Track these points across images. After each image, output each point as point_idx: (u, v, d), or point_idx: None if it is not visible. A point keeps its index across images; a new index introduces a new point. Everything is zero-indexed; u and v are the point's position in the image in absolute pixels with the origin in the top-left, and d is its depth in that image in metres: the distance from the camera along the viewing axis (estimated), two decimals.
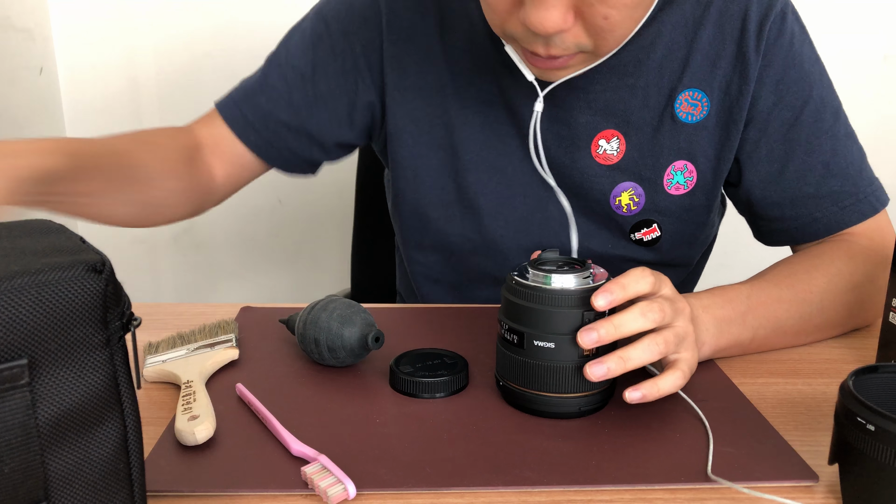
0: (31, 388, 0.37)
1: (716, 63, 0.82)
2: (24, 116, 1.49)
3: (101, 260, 0.40)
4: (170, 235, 1.73)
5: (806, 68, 0.82)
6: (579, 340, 0.58)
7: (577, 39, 0.68)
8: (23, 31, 1.48)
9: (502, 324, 0.62)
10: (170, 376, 0.68)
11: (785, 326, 0.74)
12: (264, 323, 0.81)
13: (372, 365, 0.71)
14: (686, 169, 0.84)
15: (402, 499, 0.52)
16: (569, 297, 0.58)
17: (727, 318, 0.70)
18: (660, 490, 0.53)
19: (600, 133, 0.83)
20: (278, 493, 0.52)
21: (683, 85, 0.82)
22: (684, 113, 0.82)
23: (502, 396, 0.64)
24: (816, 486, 0.53)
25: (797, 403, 0.65)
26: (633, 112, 0.83)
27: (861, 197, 0.82)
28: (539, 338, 0.59)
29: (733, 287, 0.73)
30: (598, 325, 0.58)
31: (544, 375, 0.59)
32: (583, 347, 0.58)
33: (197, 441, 0.56)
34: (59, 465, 0.39)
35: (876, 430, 0.46)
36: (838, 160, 0.82)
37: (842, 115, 0.84)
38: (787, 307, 0.74)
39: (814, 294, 0.75)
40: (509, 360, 0.61)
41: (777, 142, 0.82)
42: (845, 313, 0.78)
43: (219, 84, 1.61)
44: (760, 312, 0.72)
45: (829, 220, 0.82)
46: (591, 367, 0.58)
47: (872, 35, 1.59)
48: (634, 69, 0.82)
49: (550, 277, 0.59)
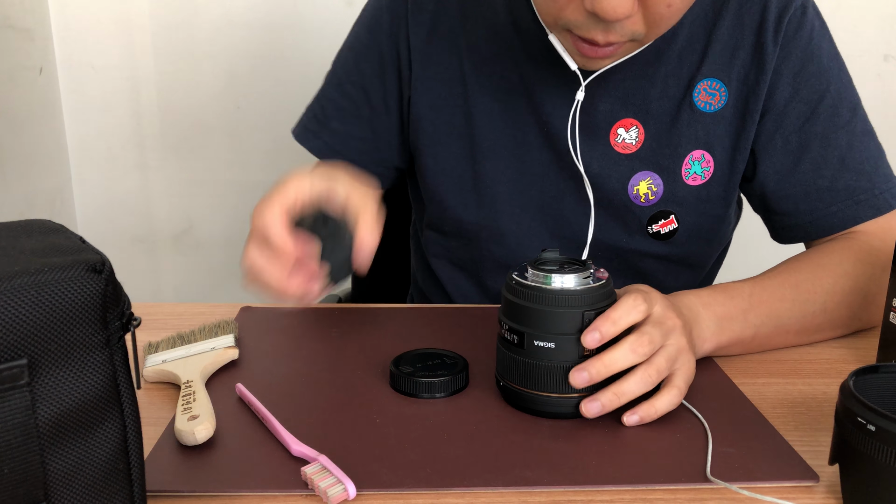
0: (30, 389, 0.37)
1: (734, 53, 0.82)
2: (23, 116, 1.49)
3: (101, 260, 0.40)
4: (170, 235, 1.73)
5: (824, 63, 0.82)
6: (571, 379, 0.58)
7: (634, 27, 0.68)
8: (23, 31, 1.48)
9: (502, 324, 0.62)
10: (169, 376, 0.68)
11: (787, 325, 0.74)
12: (264, 323, 0.80)
13: (372, 365, 0.71)
14: (703, 159, 0.84)
15: (402, 499, 0.52)
16: (569, 297, 0.58)
17: (728, 315, 0.70)
18: (660, 490, 0.53)
19: (619, 122, 0.84)
20: (278, 494, 0.52)
21: (702, 74, 0.83)
22: (703, 102, 0.83)
23: (502, 396, 0.64)
24: (816, 486, 0.53)
25: (797, 403, 0.65)
26: (653, 101, 0.83)
27: (877, 193, 0.82)
28: (539, 338, 0.59)
29: (735, 284, 0.73)
30: (589, 365, 0.58)
31: (544, 375, 0.59)
32: (574, 386, 0.59)
33: (197, 441, 0.56)
34: (59, 466, 0.39)
35: (876, 430, 0.46)
36: (854, 155, 0.82)
37: (860, 112, 0.84)
38: (790, 306, 0.74)
39: (818, 294, 0.75)
40: (509, 360, 0.61)
41: (793, 134, 0.82)
42: (849, 315, 0.77)
43: (219, 84, 1.62)
44: (762, 310, 0.72)
45: (843, 214, 0.82)
46: (587, 404, 0.59)
47: (872, 35, 1.59)
48: (654, 59, 0.83)
49: (551, 277, 0.59)
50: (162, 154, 1.66)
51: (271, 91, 1.62)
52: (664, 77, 0.83)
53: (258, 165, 1.67)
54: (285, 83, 1.61)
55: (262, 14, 1.57)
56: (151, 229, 1.72)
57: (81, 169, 1.67)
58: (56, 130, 1.61)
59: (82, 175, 1.67)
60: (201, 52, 1.60)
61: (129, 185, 1.69)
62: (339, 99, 0.92)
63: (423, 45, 0.88)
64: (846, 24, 1.57)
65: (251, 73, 1.61)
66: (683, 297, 0.69)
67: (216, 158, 1.67)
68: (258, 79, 1.61)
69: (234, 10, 1.57)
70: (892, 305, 0.67)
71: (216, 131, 1.65)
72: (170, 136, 1.65)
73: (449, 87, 0.88)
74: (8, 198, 1.45)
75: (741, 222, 0.98)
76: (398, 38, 0.88)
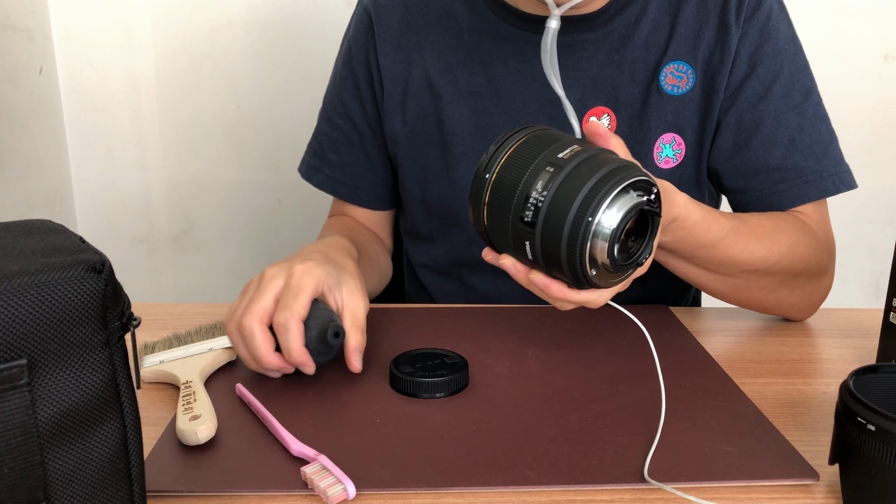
0: (30, 388, 0.37)
1: (699, 35, 0.84)
2: (23, 116, 1.49)
3: (101, 260, 0.40)
4: (170, 235, 1.73)
5: (780, 45, 0.84)
6: (488, 254, 0.58)
7: None
8: (23, 31, 1.48)
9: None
10: (168, 377, 0.68)
11: (722, 272, 0.76)
12: None
13: (372, 365, 0.71)
14: (674, 142, 0.86)
15: (401, 499, 0.52)
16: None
17: (683, 242, 0.70)
18: (660, 490, 0.53)
19: (591, 110, 0.85)
20: (278, 493, 0.52)
21: (668, 58, 0.84)
22: (669, 85, 0.84)
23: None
24: (816, 486, 0.53)
25: (797, 403, 0.65)
26: (622, 87, 0.85)
27: (825, 175, 0.83)
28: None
29: (718, 221, 0.71)
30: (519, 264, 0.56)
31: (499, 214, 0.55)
32: (484, 255, 0.58)
33: (199, 441, 0.56)
34: (59, 465, 0.39)
35: (876, 430, 0.46)
36: (804, 137, 0.83)
37: (813, 97, 0.85)
38: (744, 263, 0.75)
39: (772, 253, 0.76)
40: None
41: (746, 112, 0.84)
42: (792, 276, 0.79)
43: (219, 84, 1.62)
44: (719, 253, 0.73)
45: (791, 192, 0.83)
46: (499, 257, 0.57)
47: (872, 35, 1.59)
48: (621, 46, 0.84)
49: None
50: (162, 154, 1.66)
51: (271, 91, 1.62)
52: (631, 63, 0.84)
53: (258, 165, 1.67)
54: (285, 83, 1.61)
55: (262, 14, 1.57)
56: (151, 229, 1.72)
57: (81, 169, 1.67)
58: (56, 130, 1.61)
59: (82, 175, 1.67)
60: (201, 52, 1.60)
61: (129, 185, 1.69)
62: (330, 132, 0.97)
63: (391, 63, 0.91)
64: (846, 24, 1.57)
65: (251, 73, 1.61)
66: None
67: (216, 158, 1.67)
68: (258, 79, 1.61)
69: (234, 10, 1.57)
70: (892, 305, 0.67)
71: (216, 131, 1.65)
72: (170, 136, 1.65)
73: (419, 99, 0.90)
74: (8, 198, 1.45)
75: None
76: (369, 62, 0.92)
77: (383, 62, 0.91)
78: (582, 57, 0.84)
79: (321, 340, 0.66)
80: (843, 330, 0.83)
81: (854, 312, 0.88)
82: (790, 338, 0.80)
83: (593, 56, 0.84)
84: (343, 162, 0.97)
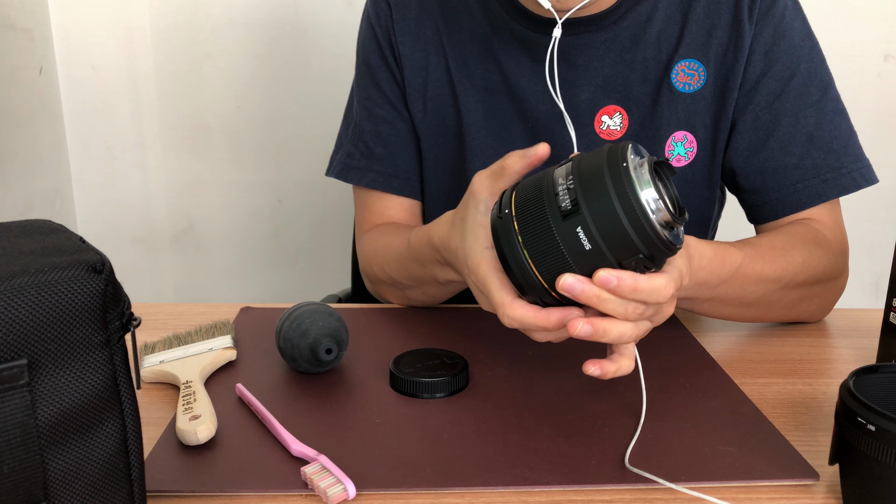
0: (30, 388, 0.37)
1: (711, 33, 0.83)
2: (23, 116, 1.49)
3: (101, 260, 0.40)
4: (170, 235, 1.73)
5: (796, 42, 0.83)
6: (560, 280, 0.51)
7: None
8: (23, 31, 1.48)
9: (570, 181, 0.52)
10: (167, 377, 0.68)
11: (745, 302, 0.74)
12: (264, 323, 0.80)
13: (372, 365, 0.71)
14: (686, 140, 0.85)
15: (401, 499, 0.52)
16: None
17: (705, 283, 0.67)
18: (660, 490, 0.53)
19: (602, 109, 0.85)
20: (278, 494, 0.52)
21: (679, 56, 0.84)
22: (681, 83, 0.84)
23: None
24: (816, 486, 0.53)
25: (797, 403, 0.65)
26: (633, 86, 0.85)
27: (844, 172, 0.82)
28: (585, 223, 0.50)
29: (731, 253, 0.70)
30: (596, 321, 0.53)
31: (548, 245, 0.51)
32: (558, 287, 0.51)
33: (199, 441, 0.56)
34: (59, 466, 0.39)
35: (876, 430, 0.46)
36: (823, 133, 0.83)
37: (831, 92, 0.84)
38: (762, 287, 0.73)
39: (787, 273, 0.75)
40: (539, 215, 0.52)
41: (763, 111, 0.83)
42: (799, 297, 0.78)
43: (219, 84, 1.62)
44: (739, 283, 0.71)
45: (809, 191, 0.83)
46: (580, 322, 0.53)
47: (872, 35, 1.59)
48: (632, 44, 0.84)
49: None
50: (162, 154, 1.66)
51: (271, 91, 1.62)
52: (643, 61, 0.84)
53: (258, 165, 1.67)
54: (285, 83, 1.61)
55: (262, 14, 1.57)
56: (151, 229, 1.72)
57: (81, 169, 1.67)
58: (56, 130, 1.61)
59: (82, 175, 1.67)
60: (201, 52, 1.60)
61: (129, 185, 1.69)
62: (374, 126, 0.93)
63: (409, 51, 0.91)
64: (846, 24, 1.57)
65: (251, 73, 1.61)
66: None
67: (216, 158, 1.67)
68: (258, 79, 1.61)
69: (234, 10, 1.57)
70: (892, 305, 0.67)
71: (216, 131, 1.65)
72: (170, 136, 1.65)
73: (439, 88, 0.90)
74: (8, 198, 1.45)
75: (729, 218, 0.99)
76: (393, 47, 0.91)
77: (403, 51, 0.91)
78: (594, 56, 0.84)
79: (312, 354, 0.66)
80: (843, 330, 0.83)
81: (854, 312, 0.88)
82: (790, 338, 0.80)
83: (605, 55, 0.84)
84: (393, 154, 0.93)
